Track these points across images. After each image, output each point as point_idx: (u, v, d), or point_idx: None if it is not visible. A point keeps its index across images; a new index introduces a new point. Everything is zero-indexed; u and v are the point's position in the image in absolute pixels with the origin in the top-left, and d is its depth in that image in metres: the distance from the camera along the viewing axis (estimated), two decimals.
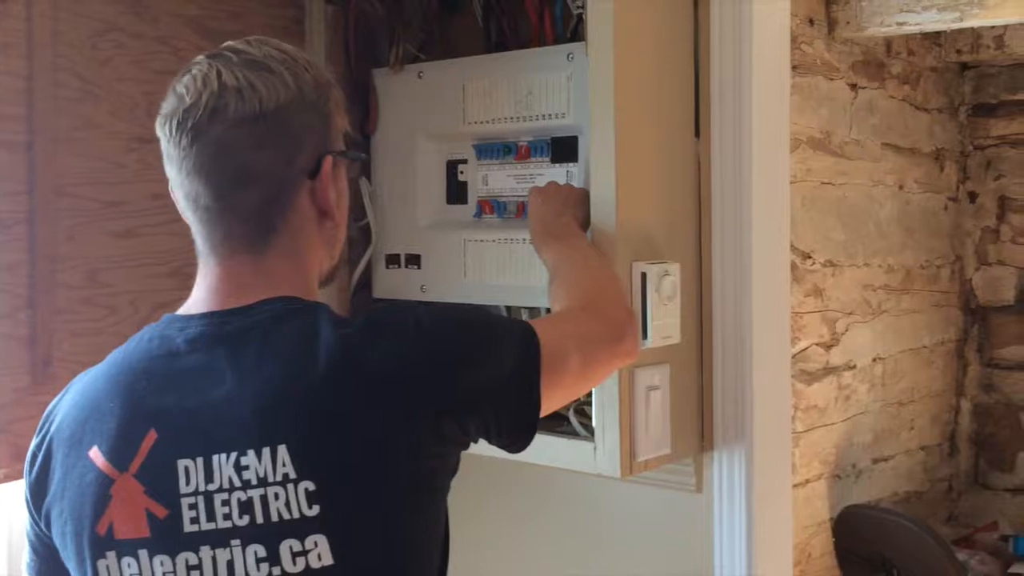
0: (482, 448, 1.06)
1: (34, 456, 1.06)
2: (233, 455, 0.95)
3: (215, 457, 0.95)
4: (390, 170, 1.58)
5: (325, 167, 1.05)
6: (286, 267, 1.04)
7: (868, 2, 2.58)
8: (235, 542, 0.95)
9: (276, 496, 0.94)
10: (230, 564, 0.95)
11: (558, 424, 1.41)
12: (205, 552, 0.95)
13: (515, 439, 1.06)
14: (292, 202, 1.04)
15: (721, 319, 1.41)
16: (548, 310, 1.48)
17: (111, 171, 1.45)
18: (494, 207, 1.48)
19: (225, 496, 0.95)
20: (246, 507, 0.94)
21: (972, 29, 2.93)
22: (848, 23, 2.62)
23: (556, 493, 1.62)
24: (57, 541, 1.03)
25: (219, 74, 1.01)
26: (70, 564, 1.02)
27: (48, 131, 1.38)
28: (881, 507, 2.87)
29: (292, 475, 0.94)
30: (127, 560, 0.97)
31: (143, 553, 0.97)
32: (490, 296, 1.48)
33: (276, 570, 0.94)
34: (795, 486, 2.53)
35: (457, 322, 1.06)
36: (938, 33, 3.01)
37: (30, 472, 1.06)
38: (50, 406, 1.09)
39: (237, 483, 0.95)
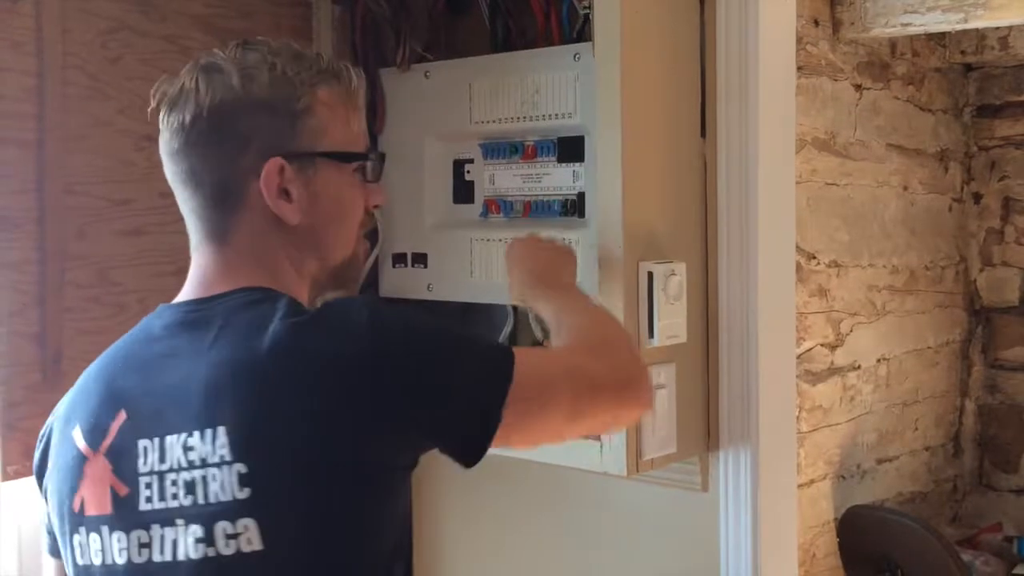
0: None
1: (40, 438, 1.11)
2: (183, 436, 0.97)
3: (168, 438, 0.98)
4: (397, 169, 1.58)
5: (268, 168, 1.03)
6: (249, 263, 1.06)
7: (873, 3, 2.59)
8: (180, 521, 0.97)
9: (214, 477, 0.95)
10: (175, 543, 0.97)
11: None
12: (155, 530, 0.98)
13: (457, 454, 1.01)
14: (242, 201, 1.04)
15: (727, 319, 1.42)
16: None
17: (120, 170, 1.45)
18: (500, 207, 1.48)
19: (175, 476, 0.97)
20: (190, 487, 0.96)
21: (976, 30, 2.93)
22: (853, 24, 2.62)
23: (562, 491, 1.62)
24: (51, 517, 1.08)
25: (185, 78, 1.05)
26: (59, 540, 1.06)
27: (57, 129, 1.38)
28: (885, 508, 2.87)
29: (228, 457, 0.95)
30: (93, 536, 1.01)
31: (105, 529, 1.00)
32: (496, 296, 1.49)
33: (211, 551, 0.95)
34: (800, 486, 2.53)
35: (413, 325, 1.02)
36: (942, 34, 3.01)
37: (36, 454, 1.11)
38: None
39: (184, 463, 0.97)
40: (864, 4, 2.59)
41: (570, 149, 1.41)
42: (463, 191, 1.53)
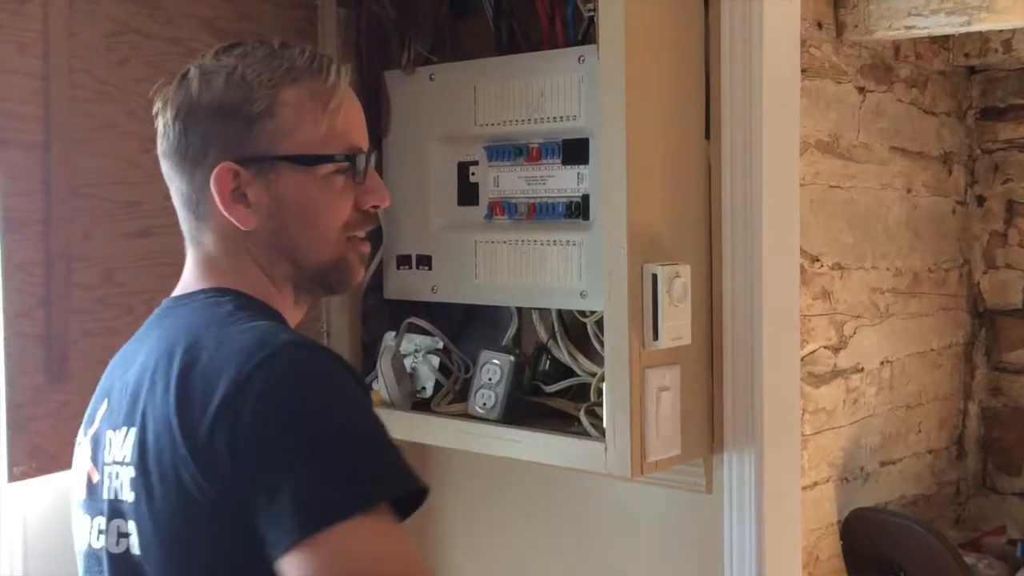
0: (489, 446, 1.06)
1: None
2: (124, 431, 0.99)
3: (121, 431, 1.00)
4: (402, 172, 1.59)
5: (216, 172, 1.02)
6: (220, 266, 1.06)
7: (876, 6, 2.58)
8: (117, 513, 1.00)
9: (120, 475, 0.98)
10: (118, 533, 0.99)
11: (569, 424, 1.42)
12: (111, 518, 1.00)
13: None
14: (207, 207, 1.05)
15: (731, 321, 1.42)
16: (558, 312, 1.49)
17: (126, 171, 1.46)
18: (505, 209, 1.49)
19: (121, 469, 0.99)
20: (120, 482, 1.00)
21: (980, 33, 2.93)
22: (856, 26, 2.62)
23: (565, 493, 1.62)
24: None
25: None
26: None
27: (64, 131, 1.39)
28: (888, 510, 2.87)
29: (128, 458, 0.97)
30: (77, 517, 1.05)
31: (80, 512, 1.04)
32: (501, 297, 1.49)
33: (108, 547, 0.99)
34: (803, 489, 2.53)
35: (323, 382, 0.92)
36: (946, 37, 3.01)
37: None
38: None
39: (120, 459, 0.99)
40: (868, 7, 2.59)
41: (575, 151, 1.42)
42: (468, 193, 1.53)
